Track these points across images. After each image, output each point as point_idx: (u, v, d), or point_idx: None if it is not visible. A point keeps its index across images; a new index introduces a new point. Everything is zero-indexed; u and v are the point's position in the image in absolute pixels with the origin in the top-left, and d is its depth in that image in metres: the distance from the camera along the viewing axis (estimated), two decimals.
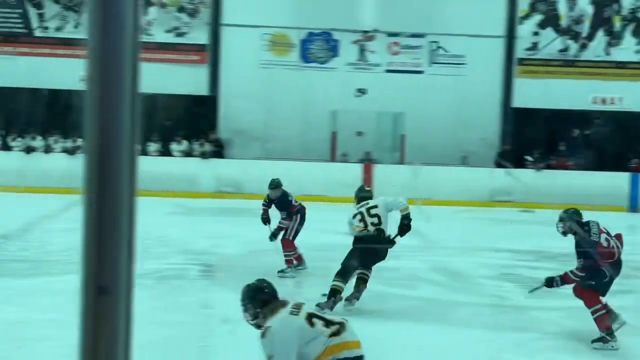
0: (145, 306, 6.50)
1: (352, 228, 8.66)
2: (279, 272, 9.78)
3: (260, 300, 4.43)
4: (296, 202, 10.42)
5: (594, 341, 7.27)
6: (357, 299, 8.41)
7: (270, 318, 4.28)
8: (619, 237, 7.56)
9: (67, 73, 22.00)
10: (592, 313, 7.33)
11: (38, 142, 20.48)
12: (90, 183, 1.02)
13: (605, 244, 7.40)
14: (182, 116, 22.53)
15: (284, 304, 4.46)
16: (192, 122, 22.34)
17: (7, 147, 20.52)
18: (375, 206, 8.74)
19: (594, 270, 7.34)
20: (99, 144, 1.02)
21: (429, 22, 22.73)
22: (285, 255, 10.11)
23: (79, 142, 20.57)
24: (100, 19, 1.01)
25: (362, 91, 22.73)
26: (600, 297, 7.38)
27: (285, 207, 10.30)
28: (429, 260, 11.92)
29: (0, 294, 8.42)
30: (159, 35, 22.01)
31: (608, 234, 7.51)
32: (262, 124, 22.56)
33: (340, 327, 4.39)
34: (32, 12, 22.28)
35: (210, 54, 22.55)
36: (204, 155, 20.58)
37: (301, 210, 10.34)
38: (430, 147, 21.85)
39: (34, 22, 22.31)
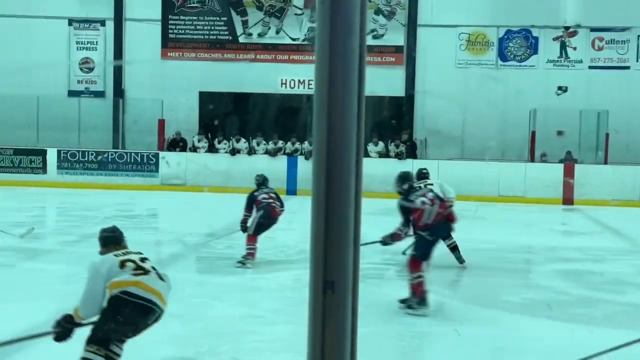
0: None
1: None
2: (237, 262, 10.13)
3: (102, 240, 5.50)
4: (265, 199, 10.49)
5: (401, 301, 7.82)
6: None
7: (102, 255, 5.34)
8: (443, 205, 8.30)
9: (269, 77, 22.88)
10: (411, 279, 7.88)
11: (242, 144, 21.38)
12: (318, 182, 1.05)
13: (420, 206, 8.03)
14: (379, 117, 22.75)
15: (121, 248, 5.39)
16: (388, 123, 22.51)
17: (214, 149, 21.57)
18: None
19: (417, 238, 8.18)
20: (328, 145, 1.05)
21: (636, 15, 21.60)
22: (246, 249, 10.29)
23: (280, 143, 21.29)
24: (329, 23, 1.04)
25: (562, 89, 21.96)
26: (423, 265, 7.95)
27: (249, 202, 10.53)
28: (636, 264, 11.33)
29: (208, 290, 8.83)
30: None
31: (433, 198, 8.22)
32: (459, 123, 22.36)
33: (144, 273, 5.17)
34: (237, 20, 23.32)
35: (406, 55, 22.62)
36: (399, 156, 20.65)
37: (265, 207, 10.33)
38: (636, 145, 20.80)
39: (239, 29, 23.33)
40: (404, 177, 8.48)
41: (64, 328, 5.07)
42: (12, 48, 23.20)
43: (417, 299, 7.73)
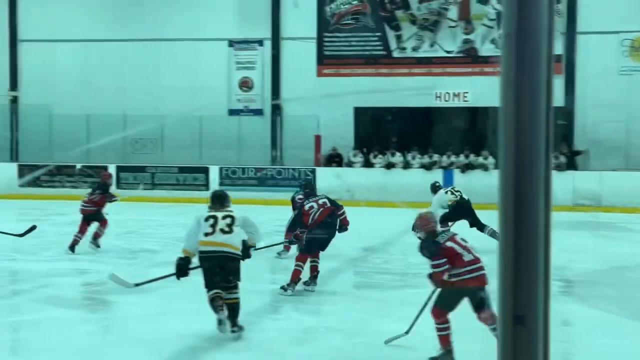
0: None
1: None
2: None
3: (211, 198, 7.70)
4: (300, 202, 11.14)
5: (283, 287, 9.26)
6: None
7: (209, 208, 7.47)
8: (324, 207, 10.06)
9: (424, 91, 22.79)
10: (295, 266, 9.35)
11: (397, 158, 21.41)
12: (506, 199, 1.04)
13: (307, 209, 10.03)
14: None
15: (221, 208, 7.47)
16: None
17: (369, 164, 21.70)
18: None
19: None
20: (515, 160, 1.04)
21: None
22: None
23: (435, 157, 21.17)
24: (515, 57, 1.04)
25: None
26: (306, 256, 9.63)
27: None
28: None
29: (367, 305, 8.87)
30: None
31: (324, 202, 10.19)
32: (623, 133, 21.45)
33: (211, 233, 7.17)
34: (390, 35, 23.41)
35: (565, 63, 21.94)
36: (559, 168, 20.05)
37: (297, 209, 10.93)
38: None
39: (392, 44, 23.40)
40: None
41: (179, 266, 7.16)
42: (177, 70, 24.31)
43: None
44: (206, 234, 7.14)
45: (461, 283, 6.67)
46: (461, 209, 13.31)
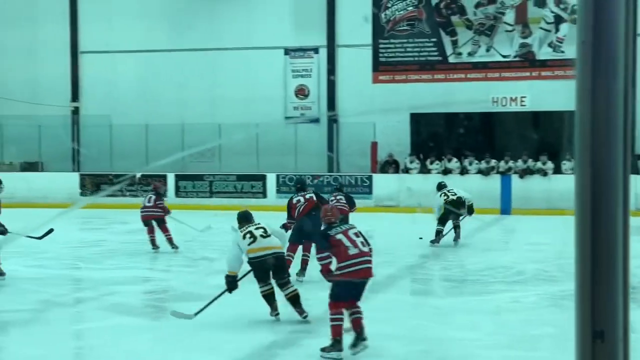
0: None
1: None
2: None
3: (238, 219, 8.52)
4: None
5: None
6: None
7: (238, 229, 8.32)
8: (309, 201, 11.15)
9: (480, 96, 22.62)
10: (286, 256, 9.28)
11: (454, 164, 21.24)
12: (583, 209, 1.02)
13: (295, 203, 11.30)
14: None
15: (249, 224, 8.40)
16: None
17: (426, 170, 21.58)
18: None
19: None
20: (592, 169, 1.02)
21: None
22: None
23: (492, 162, 20.96)
24: (591, 64, 1.02)
25: None
26: (295, 245, 10.68)
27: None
28: None
29: (425, 311, 8.82)
30: (569, 51, 21.61)
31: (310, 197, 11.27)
32: None
33: (253, 241, 8.10)
34: (446, 40, 23.29)
35: None
36: None
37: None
38: None
39: (448, 49, 23.27)
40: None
41: (229, 283, 8.00)
42: (234, 78, 24.55)
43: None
44: (250, 244, 8.08)
45: (346, 275, 6.90)
46: (453, 210, 14.46)
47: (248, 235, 8.16)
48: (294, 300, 8.20)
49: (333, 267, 7.12)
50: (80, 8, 25.63)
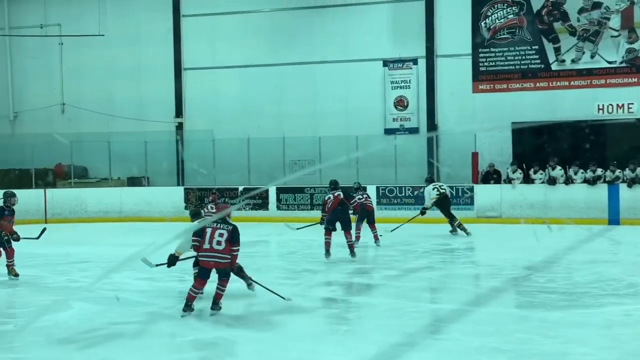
0: None
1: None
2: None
3: (191, 215, 10.75)
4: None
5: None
6: None
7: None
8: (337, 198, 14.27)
9: (585, 103, 22.11)
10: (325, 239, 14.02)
11: (558, 172, 20.75)
12: None
13: (326, 199, 14.47)
14: None
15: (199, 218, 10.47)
16: None
17: (529, 180, 21.16)
18: None
19: None
20: None
21: None
22: None
23: (599, 171, 20.37)
24: None
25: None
26: (329, 232, 14.03)
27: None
28: None
29: (532, 325, 8.62)
30: None
31: (338, 194, 14.27)
32: None
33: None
34: (549, 47, 22.84)
35: None
36: None
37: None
38: None
39: (551, 57, 22.82)
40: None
41: (170, 260, 9.63)
42: (333, 91, 24.75)
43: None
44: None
45: (203, 263, 9.19)
46: (442, 203, 17.76)
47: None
48: (240, 274, 10.20)
49: None
50: (183, 27, 26.32)
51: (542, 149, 22.29)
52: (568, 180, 20.55)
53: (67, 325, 8.68)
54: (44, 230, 12.87)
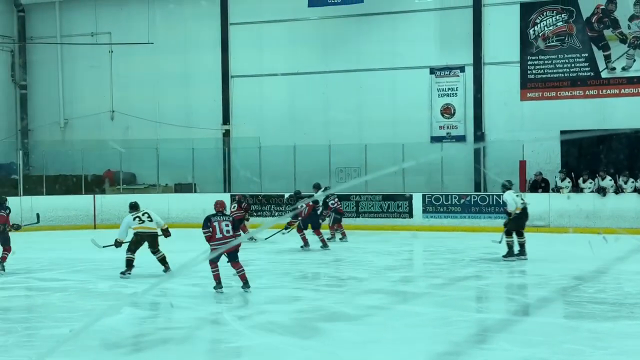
0: None
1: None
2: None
3: (130, 207, 13.34)
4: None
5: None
6: None
7: (130, 214, 13.28)
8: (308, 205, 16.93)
9: (636, 112, 21.78)
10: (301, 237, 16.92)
11: (607, 182, 20.45)
12: None
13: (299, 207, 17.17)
14: None
15: (137, 211, 13.11)
16: None
17: (577, 189, 20.89)
18: None
19: None
20: None
21: None
22: None
23: None
24: None
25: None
26: (301, 230, 16.97)
27: None
28: None
29: (581, 336, 8.51)
30: None
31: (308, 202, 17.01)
32: None
33: (141, 223, 12.93)
34: (599, 55, 22.55)
35: None
36: None
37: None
38: None
39: (601, 64, 22.53)
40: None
41: (117, 244, 13.02)
42: (379, 99, 24.73)
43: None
44: (137, 225, 13.05)
45: (214, 249, 10.90)
46: (522, 215, 15.74)
47: (137, 220, 12.94)
48: (163, 261, 12.93)
49: None
50: (231, 35, 26.53)
51: (591, 158, 21.98)
52: (618, 190, 20.24)
53: (116, 330, 8.79)
54: (37, 215, 16.30)
